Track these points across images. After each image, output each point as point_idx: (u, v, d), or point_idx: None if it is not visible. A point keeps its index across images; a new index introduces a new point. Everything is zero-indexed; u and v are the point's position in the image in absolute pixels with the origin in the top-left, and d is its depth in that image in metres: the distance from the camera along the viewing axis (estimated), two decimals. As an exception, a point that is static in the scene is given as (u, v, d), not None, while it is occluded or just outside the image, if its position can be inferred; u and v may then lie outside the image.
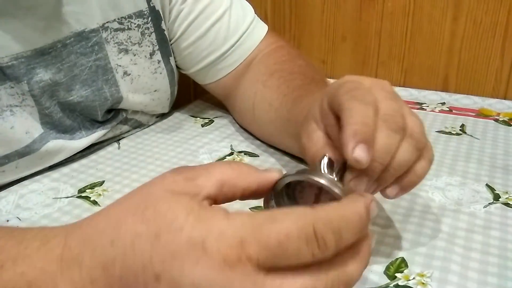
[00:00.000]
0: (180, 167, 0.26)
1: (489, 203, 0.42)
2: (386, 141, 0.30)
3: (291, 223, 0.22)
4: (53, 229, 0.26)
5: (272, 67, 0.53)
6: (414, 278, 0.34)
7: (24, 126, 0.45)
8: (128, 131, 0.58)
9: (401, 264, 0.35)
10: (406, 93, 0.71)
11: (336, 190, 0.27)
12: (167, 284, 0.22)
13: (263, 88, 0.52)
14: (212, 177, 0.25)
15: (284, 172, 0.28)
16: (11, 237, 0.26)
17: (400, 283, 0.33)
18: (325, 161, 0.29)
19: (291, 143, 0.47)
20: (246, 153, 0.53)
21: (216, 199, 0.25)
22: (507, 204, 0.42)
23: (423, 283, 0.33)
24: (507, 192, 0.44)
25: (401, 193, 0.33)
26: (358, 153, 0.28)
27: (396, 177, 0.32)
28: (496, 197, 0.43)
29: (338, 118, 0.32)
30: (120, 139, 0.56)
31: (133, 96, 0.54)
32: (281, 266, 0.22)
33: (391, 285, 0.33)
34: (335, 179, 0.29)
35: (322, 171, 0.29)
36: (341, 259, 0.23)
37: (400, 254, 0.36)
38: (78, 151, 0.51)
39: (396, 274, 0.34)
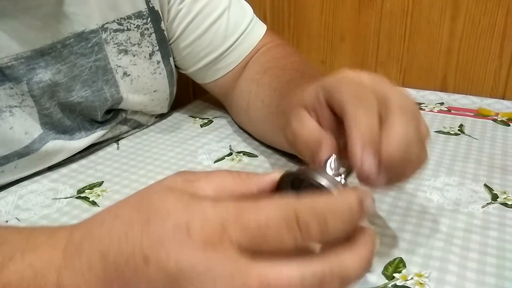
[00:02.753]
0: (182, 171, 0.27)
1: (487, 203, 0.42)
2: (407, 138, 0.29)
3: (273, 209, 0.22)
4: (60, 226, 0.28)
5: (265, 65, 0.53)
6: (412, 278, 0.34)
7: (23, 126, 0.45)
8: (128, 131, 0.58)
9: (399, 264, 0.35)
10: (404, 93, 0.71)
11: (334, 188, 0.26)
12: (155, 266, 0.22)
13: (257, 87, 0.52)
14: (212, 182, 0.26)
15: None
16: (20, 233, 0.28)
17: (398, 283, 0.33)
18: (331, 160, 0.29)
19: (283, 137, 0.47)
20: (245, 153, 0.53)
21: None
22: (505, 204, 0.42)
23: (421, 283, 0.33)
24: (505, 192, 0.44)
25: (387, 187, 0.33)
26: (367, 166, 0.28)
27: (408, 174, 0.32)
28: (494, 197, 0.43)
29: (334, 113, 0.32)
30: (119, 140, 0.56)
31: (132, 96, 0.54)
32: (263, 251, 0.22)
33: (389, 285, 0.33)
34: (341, 180, 0.29)
35: (327, 171, 0.29)
36: (335, 252, 0.23)
37: (398, 254, 0.36)
38: (78, 151, 0.51)
39: (394, 274, 0.34)
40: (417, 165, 0.32)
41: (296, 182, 0.28)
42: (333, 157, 0.30)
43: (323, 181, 0.27)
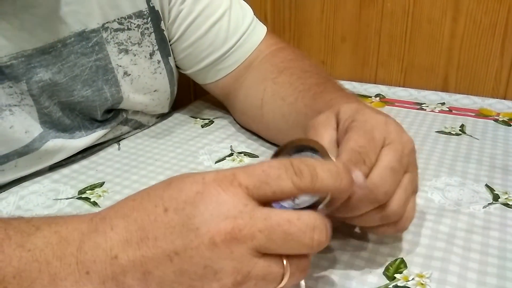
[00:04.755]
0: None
1: (488, 204, 0.42)
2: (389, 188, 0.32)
3: (273, 161, 0.27)
4: None
5: (280, 65, 0.53)
6: (413, 279, 0.34)
7: (23, 125, 0.45)
8: (129, 132, 0.58)
9: (400, 265, 0.35)
10: (405, 93, 0.71)
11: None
12: (173, 212, 0.25)
13: (273, 85, 0.52)
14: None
15: None
16: (46, 216, 0.30)
17: (399, 284, 0.33)
18: None
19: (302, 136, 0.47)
20: (246, 153, 0.53)
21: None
22: (506, 205, 0.42)
23: (422, 284, 0.33)
24: (506, 193, 0.44)
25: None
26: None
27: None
28: (496, 198, 0.43)
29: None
30: (120, 140, 0.56)
31: (133, 96, 0.54)
32: (267, 195, 0.25)
33: (390, 286, 0.33)
34: None
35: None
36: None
37: (399, 254, 0.36)
38: (78, 150, 0.51)
39: (396, 275, 0.34)
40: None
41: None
42: None
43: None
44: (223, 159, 0.52)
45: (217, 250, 0.24)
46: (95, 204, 0.44)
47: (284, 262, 0.25)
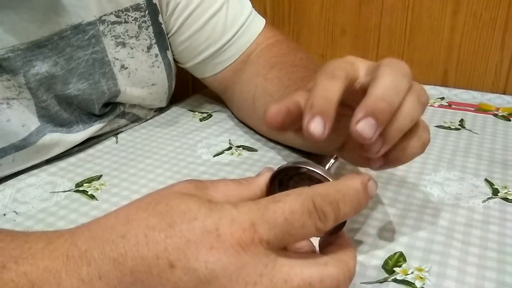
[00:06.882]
0: (189, 179, 0.27)
1: (487, 198, 0.42)
2: (393, 79, 0.29)
3: (293, 200, 0.24)
4: (57, 231, 0.26)
5: (272, 60, 0.53)
6: (412, 272, 0.34)
7: (20, 119, 0.44)
8: (126, 125, 0.57)
9: (400, 259, 0.35)
10: (405, 88, 0.71)
11: (331, 179, 0.28)
12: (182, 270, 0.22)
13: (264, 81, 0.52)
14: (219, 190, 0.27)
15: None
16: (13, 239, 0.25)
17: (398, 277, 0.33)
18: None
19: (290, 133, 0.47)
20: (244, 147, 0.53)
21: None
22: (505, 199, 0.42)
23: (421, 278, 0.33)
24: (506, 187, 0.44)
25: (384, 167, 0.33)
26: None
27: (400, 134, 0.30)
28: (495, 192, 0.43)
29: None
30: (117, 133, 0.56)
31: (130, 89, 0.53)
32: (289, 243, 0.24)
33: (389, 280, 0.33)
34: (329, 169, 0.31)
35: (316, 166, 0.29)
36: (343, 257, 0.25)
37: (399, 248, 0.36)
38: (75, 144, 0.50)
39: (394, 269, 0.34)
40: (404, 153, 0.32)
41: (285, 177, 0.30)
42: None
43: (319, 170, 0.28)
44: (222, 152, 0.51)
45: None
46: (92, 197, 0.43)
47: None
